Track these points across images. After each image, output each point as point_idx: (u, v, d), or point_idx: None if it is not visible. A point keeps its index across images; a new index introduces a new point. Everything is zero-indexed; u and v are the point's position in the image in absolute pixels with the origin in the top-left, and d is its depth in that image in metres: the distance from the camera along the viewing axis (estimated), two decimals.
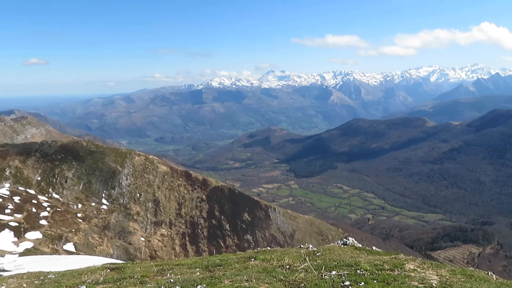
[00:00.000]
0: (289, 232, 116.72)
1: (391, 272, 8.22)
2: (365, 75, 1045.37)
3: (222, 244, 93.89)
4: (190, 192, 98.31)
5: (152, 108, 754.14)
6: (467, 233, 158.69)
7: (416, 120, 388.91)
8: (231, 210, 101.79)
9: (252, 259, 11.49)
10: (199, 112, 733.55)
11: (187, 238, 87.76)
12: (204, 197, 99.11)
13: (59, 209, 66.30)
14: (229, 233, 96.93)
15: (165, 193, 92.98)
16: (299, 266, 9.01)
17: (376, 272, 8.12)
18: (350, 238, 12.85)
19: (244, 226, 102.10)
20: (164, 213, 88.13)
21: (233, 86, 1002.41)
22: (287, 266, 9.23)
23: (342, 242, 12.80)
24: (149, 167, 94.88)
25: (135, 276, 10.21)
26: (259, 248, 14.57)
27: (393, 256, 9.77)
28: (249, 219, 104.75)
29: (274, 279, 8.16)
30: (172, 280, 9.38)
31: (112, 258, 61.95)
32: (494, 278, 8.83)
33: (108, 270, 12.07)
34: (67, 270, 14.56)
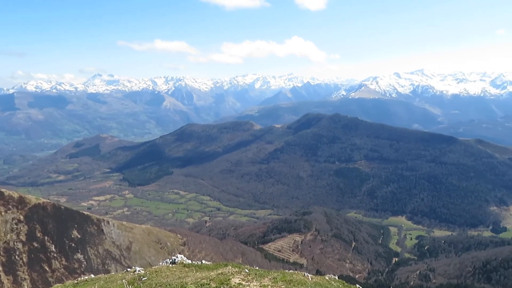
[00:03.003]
0: (126, 245, 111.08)
1: None
2: (196, 81, 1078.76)
3: (48, 269, 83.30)
4: (3, 213, 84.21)
5: None
6: (292, 224, 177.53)
7: (244, 124, 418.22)
8: (57, 229, 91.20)
9: None
10: (12, 120, 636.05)
11: (1, 268, 75.09)
12: (21, 217, 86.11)
13: None
14: (55, 255, 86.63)
15: None
16: None
17: None
18: (179, 256, 12.62)
19: (73, 244, 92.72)
20: None
21: (54, 90, 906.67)
22: None
23: (170, 260, 12.44)
24: None
25: None
26: (79, 278, 13.10)
27: (220, 271, 9.93)
28: (79, 236, 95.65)
29: None
30: None
31: None
32: (310, 279, 9.86)
33: None
34: None
